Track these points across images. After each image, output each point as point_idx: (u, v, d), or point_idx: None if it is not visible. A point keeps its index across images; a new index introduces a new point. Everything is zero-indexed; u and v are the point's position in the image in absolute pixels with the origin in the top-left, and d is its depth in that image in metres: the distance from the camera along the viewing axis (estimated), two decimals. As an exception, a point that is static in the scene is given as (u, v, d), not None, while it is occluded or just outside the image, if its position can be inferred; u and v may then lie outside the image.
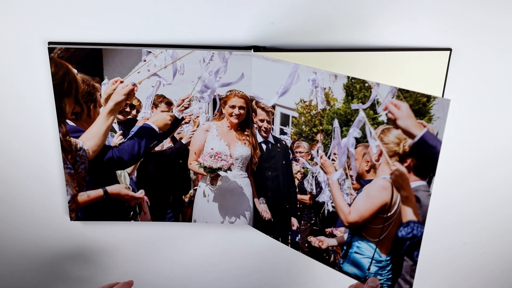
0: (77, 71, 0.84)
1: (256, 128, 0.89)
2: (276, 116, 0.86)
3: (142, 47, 0.82)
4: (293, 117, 0.85)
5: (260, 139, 0.90)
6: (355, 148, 0.79)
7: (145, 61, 0.84)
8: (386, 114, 0.74)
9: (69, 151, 0.88)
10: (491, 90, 0.88)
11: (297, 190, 0.90)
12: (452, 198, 0.97)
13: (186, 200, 0.97)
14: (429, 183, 0.75)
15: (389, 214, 0.80)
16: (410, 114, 0.72)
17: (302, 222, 0.92)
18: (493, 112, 0.90)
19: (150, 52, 0.83)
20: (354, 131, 0.78)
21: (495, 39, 0.83)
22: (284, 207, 0.92)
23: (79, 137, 0.88)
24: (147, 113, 0.89)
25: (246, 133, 0.91)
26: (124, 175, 0.94)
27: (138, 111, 0.89)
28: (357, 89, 0.76)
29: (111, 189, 0.93)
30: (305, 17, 0.80)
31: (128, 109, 0.89)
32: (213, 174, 0.92)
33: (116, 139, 0.91)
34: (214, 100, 0.88)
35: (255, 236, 1.01)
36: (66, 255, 1.01)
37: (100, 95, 0.86)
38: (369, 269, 0.85)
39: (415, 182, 0.76)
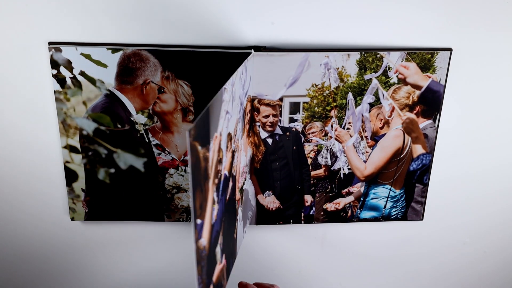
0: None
1: (259, 126, 0.89)
2: (285, 107, 0.88)
3: (142, 47, 0.82)
4: (304, 102, 0.88)
5: (264, 135, 0.91)
6: (369, 112, 0.88)
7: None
8: (397, 76, 0.85)
9: (70, 153, 0.88)
10: (491, 90, 0.90)
11: (310, 168, 0.93)
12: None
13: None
14: (434, 120, 0.89)
15: (401, 156, 0.91)
16: (418, 70, 0.85)
17: (317, 194, 0.95)
18: (493, 112, 0.92)
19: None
20: (368, 98, 0.87)
21: (495, 39, 0.85)
22: (296, 189, 0.95)
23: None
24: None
25: (249, 135, 0.91)
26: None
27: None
28: (369, 61, 0.84)
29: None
30: (305, 17, 0.81)
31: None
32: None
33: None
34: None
35: (255, 237, 1.01)
36: (66, 255, 1.00)
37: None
38: (385, 207, 0.96)
39: (423, 123, 0.89)
